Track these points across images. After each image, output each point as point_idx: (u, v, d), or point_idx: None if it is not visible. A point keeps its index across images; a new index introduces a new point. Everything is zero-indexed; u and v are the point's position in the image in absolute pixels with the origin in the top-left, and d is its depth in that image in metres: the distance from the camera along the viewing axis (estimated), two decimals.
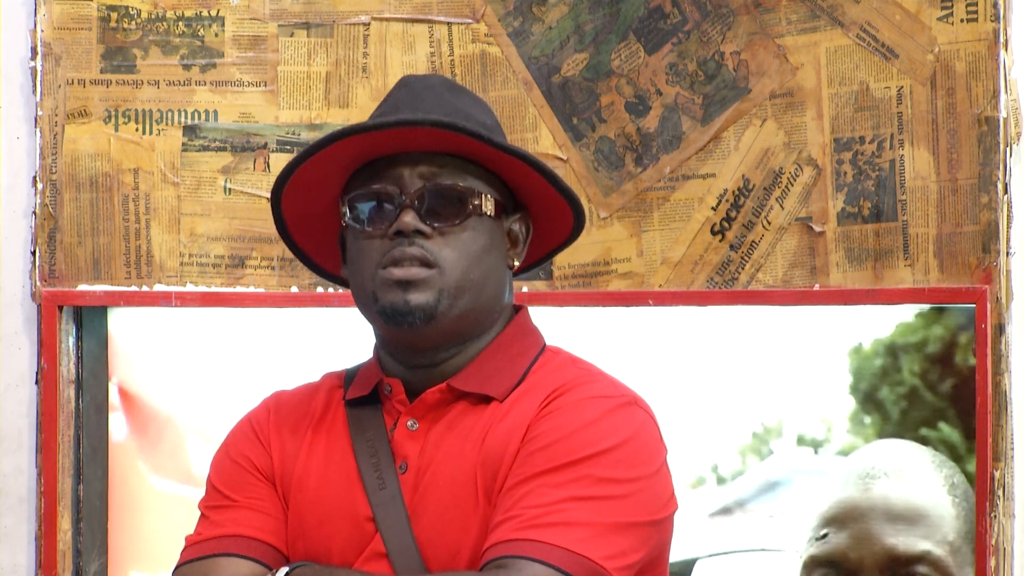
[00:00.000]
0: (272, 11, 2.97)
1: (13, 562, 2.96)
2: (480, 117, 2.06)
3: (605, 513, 1.90)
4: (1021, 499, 2.79)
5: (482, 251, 2.01)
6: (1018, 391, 2.79)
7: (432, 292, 1.98)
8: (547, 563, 1.86)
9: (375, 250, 2.00)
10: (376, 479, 1.99)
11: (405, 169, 2.00)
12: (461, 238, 2.00)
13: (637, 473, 1.94)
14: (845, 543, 2.73)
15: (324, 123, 2.96)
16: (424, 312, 1.98)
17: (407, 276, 1.97)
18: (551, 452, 1.92)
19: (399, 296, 1.97)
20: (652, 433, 2.00)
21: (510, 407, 1.99)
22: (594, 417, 1.95)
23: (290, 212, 2.12)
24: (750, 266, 2.89)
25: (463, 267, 1.99)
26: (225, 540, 2.03)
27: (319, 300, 2.94)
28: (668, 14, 2.91)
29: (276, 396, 2.14)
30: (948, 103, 2.82)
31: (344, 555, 1.99)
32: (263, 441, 2.08)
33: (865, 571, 2.72)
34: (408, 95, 2.04)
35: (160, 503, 3.09)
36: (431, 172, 2.00)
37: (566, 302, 2.91)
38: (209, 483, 2.10)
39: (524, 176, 2.05)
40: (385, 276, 1.98)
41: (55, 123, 2.97)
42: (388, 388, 2.04)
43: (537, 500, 1.89)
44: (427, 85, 2.06)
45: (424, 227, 1.98)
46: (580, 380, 2.01)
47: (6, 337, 2.98)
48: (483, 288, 2.02)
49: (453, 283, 1.99)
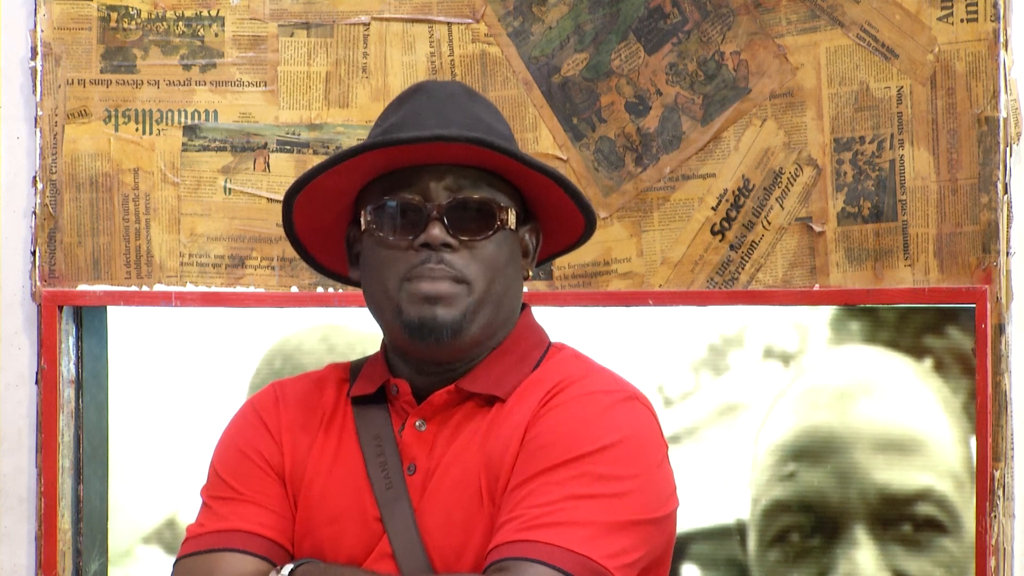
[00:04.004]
0: (272, 11, 2.97)
1: (13, 562, 2.96)
2: (498, 127, 2.06)
3: (606, 511, 1.90)
4: (1021, 499, 2.79)
5: (505, 264, 2.02)
6: (1018, 391, 2.79)
7: (460, 308, 1.98)
8: (549, 564, 1.86)
9: (400, 261, 1.98)
10: (384, 479, 1.99)
11: (431, 180, 1.99)
12: (487, 252, 1.99)
13: (638, 470, 1.93)
14: (820, 482, 2.35)
15: (324, 123, 2.96)
16: (452, 328, 1.97)
17: (436, 292, 1.97)
18: (552, 450, 1.92)
19: (428, 311, 1.97)
20: (652, 429, 2.00)
21: (512, 406, 1.99)
22: (594, 413, 1.95)
23: (300, 214, 2.11)
24: (750, 266, 2.89)
25: (488, 281, 1.99)
26: (229, 534, 2.02)
27: (319, 300, 2.94)
28: (668, 14, 2.91)
29: (281, 386, 2.12)
30: (948, 103, 2.82)
31: (352, 554, 1.99)
32: (273, 434, 2.06)
33: (848, 517, 2.32)
34: (430, 104, 2.03)
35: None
36: (457, 184, 1.99)
37: (566, 302, 2.91)
38: (213, 471, 2.08)
39: (543, 188, 2.05)
40: (412, 290, 1.97)
41: (55, 123, 2.97)
42: (395, 389, 2.04)
43: (538, 500, 1.89)
44: (449, 94, 2.04)
45: (452, 240, 1.97)
46: (579, 376, 2.01)
47: (6, 337, 2.98)
48: (504, 300, 2.03)
49: (479, 298, 1.99)
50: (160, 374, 3.12)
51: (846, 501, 2.33)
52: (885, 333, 2.90)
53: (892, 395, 2.44)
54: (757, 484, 2.54)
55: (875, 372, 2.53)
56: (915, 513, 2.25)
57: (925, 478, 2.23)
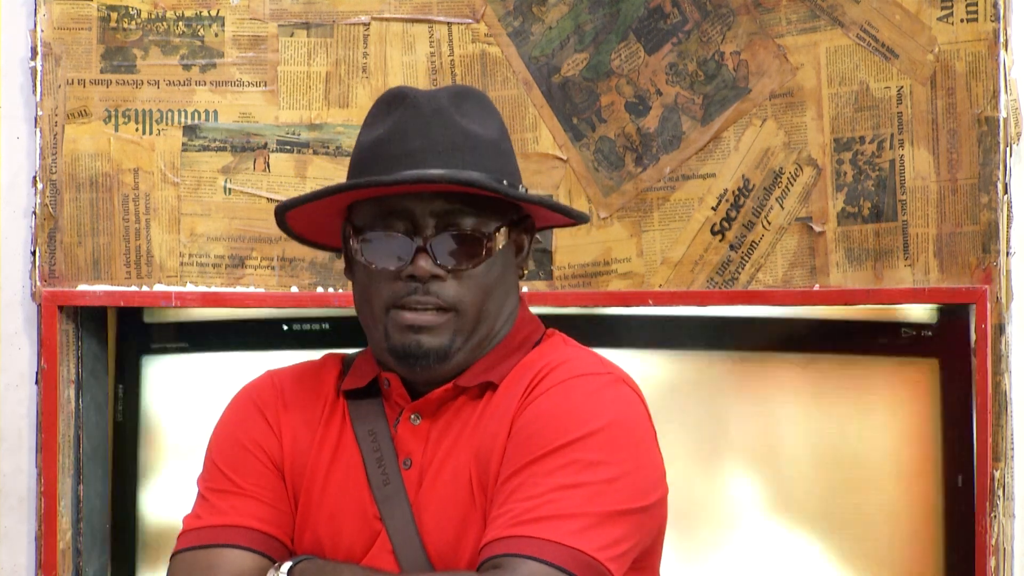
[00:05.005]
0: (272, 11, 2.97)
1: (13, 562, 2.96)
2: (488, 133, 2.03)
3: (596, 501, 1.89)
4: (1021, 499, 2.79)
5: (496, 282, 2.01)
6: (1018, 391, 2.79)
7: (447, 335, 1.98)
8: (542, 560, 1.86)
9: (385, 288, 1.98)
10: (380, 474, 1.99)
11: (417, 206, 1.97)
12: (475, 277, 1.99)
13: (626, 455, 1.93)
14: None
15: (324, 123, 2.96)
16: (437, 354, 1.98)
17: (419, 322, 1.97)
18: (539, 439, 1.91)
19: (411, 339, 1.97)
20: (640, 412, 1.99)
21: (501, 393, 1.99)
22: (580, 398, 1.94)
23: (295, 222, 2.11)
24: (750, 266, 2.89)
25: (479, 305, 1.99)
26: (229, 530, 2.01)
27: (319, 300, 2.94)
28: (668, 14, 2.90)
29: (277, 375, 2.12)
30: (948, 103, 2.82)
31: (351, 550, 1.99)
32: (273, 427, 2.06)
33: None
34: (415, 120, 2.00)
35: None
36: (444, 210, 1.98)
37: (566, 302, 2.91)
38: (210, 461, 2.08)
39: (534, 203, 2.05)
40: (397, 319, 1.97)
41: (55, 123, 2.96)
42: (387, 383, 2.04)
43: (528, 492, 1.89)
44: (435, 108, 2.00)
45: (440, 272, 1.97)
46: (563, 359, 2.00)
47: (6, 337, 2.97)
48: (498, 314, 2.03)
49: (470, 322, 1.99)
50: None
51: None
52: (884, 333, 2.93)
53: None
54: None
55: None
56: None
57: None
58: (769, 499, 2.96)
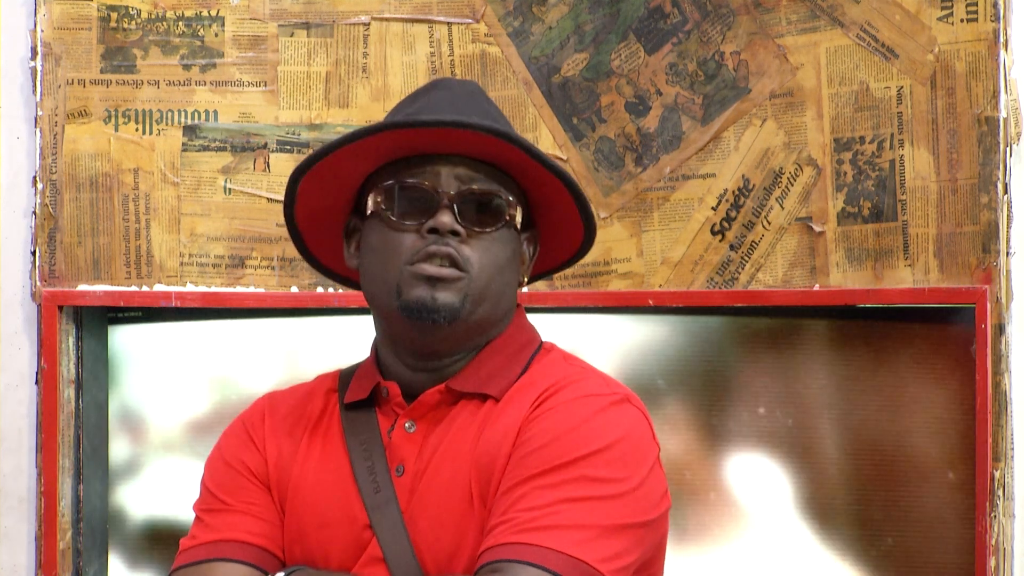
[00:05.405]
0: (272, 11, 2.97)
1: (13, 562, 2.96)
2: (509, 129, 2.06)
3: (599, 515, 1.90)
4: (1021, 499, 2.79)
5: (506, 262, 2.03)
6: (1018, 391, 2.79)
7: (459, 294, 1.98)
8: (542, 567, 1.86)
9: (405, 244, 1.99)
10: (371, 482, 2.00)
11: (443, 168, 2.00)
12: (491, 245, 2.01)
13: (630, 472, 1.94)
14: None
15: (324, 123, 2.96)
16: (449, 312, 1.98)
17: (438, 274, 1.98)
18: (545, 454, 1.92)
19: (427, 292, 1.98)
20: (644, 431, 2.00)
21: (504, 407, 1.99)
22: (586, 416, 1.95)
23: (303, 200, 2.10)
24: (750, 266, 2.89)
25: (489, 274, 2.00)
26: (220, 544, 2.03)
27: (319, 300, 2.94)
28: (668, 14, 2.91)
29: (270, 397, 2.15)
30: (948, 103, 2.82)
31: (342, 559, 1.99)
32: (257, 444, 2.08)
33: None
34: (450, 98, 2.04)
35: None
36: (468, 176, 2.01)
37: (566, 302, 2.91)
38: (203, 485, 2.10)
39: (550, 193, 2.06)
40: (414, 271, 1.98)
41: (55, 123, 2.97)
42: (386, 391, 2.04)
43: (531, 503, 1.89)
44: (468, 91, 2.07)
45: (460, 229, 1.98)
46: (571, 378, 2.01)
47: (6, 337, 2.98)
48: (501, 298, 2.03)
49: (478, 289, 1.99)
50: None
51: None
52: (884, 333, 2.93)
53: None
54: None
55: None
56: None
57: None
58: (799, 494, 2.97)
